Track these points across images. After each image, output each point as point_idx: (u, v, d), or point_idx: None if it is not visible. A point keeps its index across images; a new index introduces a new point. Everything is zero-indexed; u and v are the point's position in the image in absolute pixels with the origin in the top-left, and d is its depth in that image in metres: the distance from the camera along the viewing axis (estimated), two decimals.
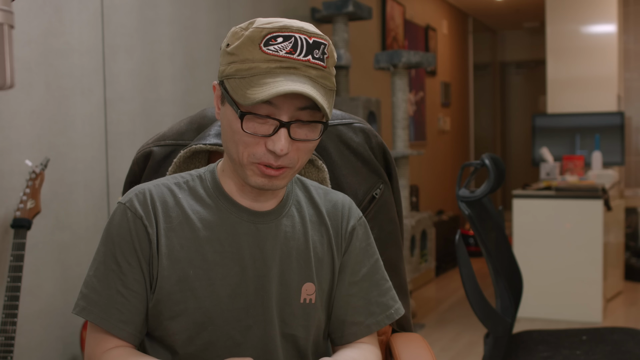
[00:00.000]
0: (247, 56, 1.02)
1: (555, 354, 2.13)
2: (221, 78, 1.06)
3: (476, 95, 7.98)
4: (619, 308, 4.44)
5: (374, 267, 1.22)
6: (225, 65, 1.05)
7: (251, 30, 1.02)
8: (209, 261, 1.08)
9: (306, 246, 1.14)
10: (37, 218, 2.19)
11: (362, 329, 1.19)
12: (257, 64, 1.01)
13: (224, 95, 1.05)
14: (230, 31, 1.08)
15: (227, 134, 1.07)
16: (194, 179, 1.14)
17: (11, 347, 1.94)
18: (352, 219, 1.21)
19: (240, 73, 1.02)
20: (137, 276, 1.08)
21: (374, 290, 1.21)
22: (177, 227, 1.09)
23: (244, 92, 1.01)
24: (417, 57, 3.82)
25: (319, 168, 1.36)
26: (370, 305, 1.20)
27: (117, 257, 1.08)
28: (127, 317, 1.07)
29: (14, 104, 2.18)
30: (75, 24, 2.40)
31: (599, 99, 5.38)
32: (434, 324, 4.20)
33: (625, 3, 6.02)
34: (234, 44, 1.04)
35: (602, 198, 4.09)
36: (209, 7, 3.09)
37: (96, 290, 1.08)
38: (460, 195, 2.20)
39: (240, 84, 1.02)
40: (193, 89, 2.98)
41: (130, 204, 1.09)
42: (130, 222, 1.08)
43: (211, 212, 1.11)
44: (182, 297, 1.07)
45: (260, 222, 1.12)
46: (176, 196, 1.11)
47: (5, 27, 1.50)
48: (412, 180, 5.62)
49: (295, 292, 1.13)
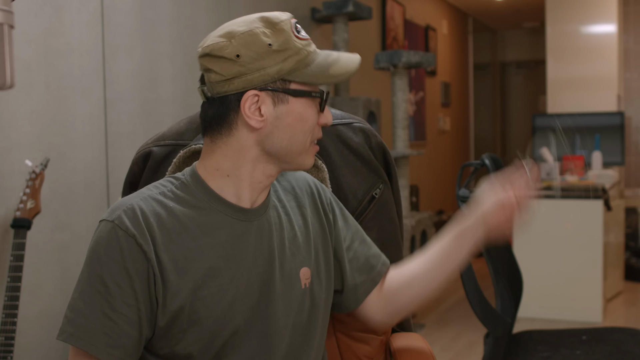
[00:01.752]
0: (297, 46, 1.07)
1: (555, 354, 2.13)
2: (278, 78, 1.06)
3: (476, 95, 7.98)
4: (619, 308, 4.44)
5: (354, 225, 1.28)
6: (281, 63, 1.06)
7: (282, 25, 1.07)
8: (215, 268, 1.07)
9: (294, 232, 1.16)
10: (37, 218, 2.19)
11: (370, 284, 1.25)
12: (306, 49, 1.08)
13: (287, 91, 1.07)
14: (243, 38, 1.05)
15: (295, 129, 1.09)
16: (177, 187, 1.11)
17: (11, 347, 1.94)
18: (324, 192, 1.26)
19: (303, 62, 1.07)
20: (128, 299, 1.02)
21: (364, 246, 1.27)
22: (177, 239, 1.06)
23: (327, 72, 1.08)
24: (417, 57, 3.82)
25: (318, 168, 1.36)
26: (368, 260, 1.26)
27: (104, 279, 1.02)
28: (115, 342, 1.02)
29: (14, 104, 2.18)
30: (75, 24, 2.40)
31: (599, 99, 5.38)
32: (434, 324, 4.20)
33: (625, 3, 6.02)
34: (277, 41, 1.05)
35: (602, 198, 4.09)
36: (209, 7, 3.09)
37: (82, 313, 1.02)
38: (460, 195, 2.20)
39: (315, 70, 1.08)
40: (193, 89, 2.98)
41: (120, 222, 1.03)
42: (121, 242, 1.02)
43: (206, 216, 1.09)
44: (194, 308, 1.05)
45: (253, 219, 1.12)
46: (167, 206, 1.07)
47: (5, 27, 1.50)
48: (412, 180, 5.62)
49: (295, 280, 1.14)
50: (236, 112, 1.08)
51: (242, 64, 1.05)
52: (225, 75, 1.06)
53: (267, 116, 1.07)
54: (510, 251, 2.38)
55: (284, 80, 1.07)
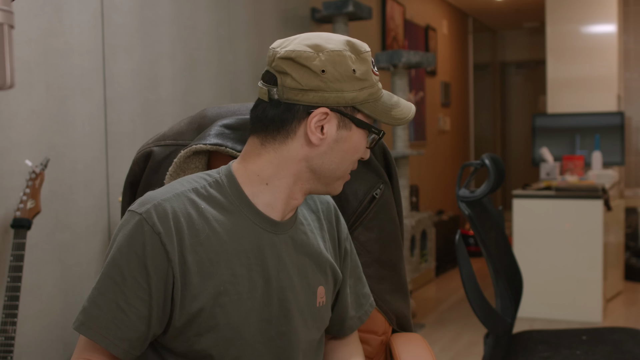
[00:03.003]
0: (372, 80, 1.10)
1: (555, 354, 2.12)
2: (351, 104, 1.08)
3: (476, 95, 7.97)
4: (619, 308, 4.44)
5: (355, 262, 1.29)
6: (357, 91, 1.08)
7: (364, 55, 1.09)
8: (237, 275, 1.06)
9: (315, 251, 1.17)
10: (37, 218, 2.19)
11: (356, 322, 1.28)
12: (376, 85, 1.11)
13: (353, 120, 1.09)
14: (333, 55, 1.06)
15: (346, 156, 1.11)
16: (211, 184, 1.10)
17: (11, 347, 1.94)
18: (344, 225, 1.26)
19: (373, 96, 1.10)
20: (142, 294, 1.02)
21: (358, 283, 1.29)
22: (205, 241, 1.05)
23: (389, 113, 1.11)
24: (417, 57, 3.82)
25: None
26: (358, 298, 1.28)
27: (122, 270, 1.02)
28: (123, 334, 1.02)
29: (14, 104, 2.18)
30: (75, 24, 2.40)
31: (599, 99, 5.38)
32: (434, 324, 4.20)
33: (625, 3, 6.02)
34: (360, 69, 1.08)
35: (602, 198, 4.09)
36: (209, 7, 3.09)
37: (96, 303, 1.03)
38: (460, 195, 2.20)
39: (381, 107, 1.10)
40: (193, 89, 2.98)
41: (149, 217, 1.03)
42: (146, 236, 1.02)
43: (235, 221, 1.08)
44: (213, 313, 1.04)
45: (280, 232, 1.12)
46: (199, 207, 1.06)
47: (5, 27, 1.50)
48: (412, 180, 5.62)
49: (313, 297, 1.15)
50: (300, 122, 1.07)
51: (325, 80, 1.05)
52: (303, 85, 1.05)
53: (327, 136, 1.08)
54: (510, 251, 2.38)
55: (355, 108, 1.09)
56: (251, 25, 3.41)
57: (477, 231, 2.17)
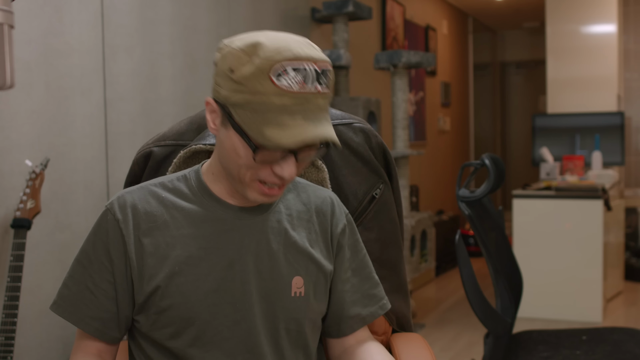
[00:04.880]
0: (258, 88, 0.98)
1: (555, 354, 2.13)
2: (225, 102, 1.03)
3: (476, 95, 7.98)
4: (619, 308, 4.44)
5: (362, 262, 1.27)
6: (231, 92, 1.01)
7: (260, 60, 0.99)
8: (194, 257, 1.11)
9: (293, 241, 1.16)
10: (37, 218, 2.19)
11: (357, 322, 1.25)
12: (270, 98, 0.98)
13: (229, 121, 1.03)
14: (229, 51, 1.03)
15: (230, 156, 1.05)
16: (178, 178, 1.17)
17: (11, 347, 1.94)
18: (341, 219, 1.24)
19: (251, 105, 0.99)
20: (107, 276, 1.12)
21: (365, 283, 1.26)
22: (162, 226, 1.12)
23: (261, 130, 0.99)
24: (417, 57, 3.82)
25: (318, 168, 1.36)
26: (364, 298, 1.25)
27: (89, 255, 1.13)
28: (94, 313, 1.13)
29: (14, 104, 2.18)
30: (75, 24, 2.40)
31: (599, 99, 5.38)
32: (434, 324, 4.20)
33: (625, 3, 6.02)
34: (240, 71, 1.00)
35: (602, 198, 4.09)
36: (209, 7, 3.09)
37: (68, 286, 1.15)
38: (460, 195, 2.20)
39: (255, 119, 0.99)
40: (193, 89, 2.98)
41: (111, 207, 1.14)
42: (109, 224, 1.13)
43: (195, 208, 1.14)
44: (168, 292, 1.10)
45: (246, 218, 1.14)
46: (159, 196, 1.15)
47: (5, 27, 1.50)
48: (412, 180, 5.62)
49: (285, 286, 1.15)
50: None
51: (215, 72, 1.07)
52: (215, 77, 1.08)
53: (218, 128, 1.08)
54: (510, 251, 2.38)
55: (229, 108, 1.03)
56: (251, 25, 3.41)
57: (477, 231, 2.17)
